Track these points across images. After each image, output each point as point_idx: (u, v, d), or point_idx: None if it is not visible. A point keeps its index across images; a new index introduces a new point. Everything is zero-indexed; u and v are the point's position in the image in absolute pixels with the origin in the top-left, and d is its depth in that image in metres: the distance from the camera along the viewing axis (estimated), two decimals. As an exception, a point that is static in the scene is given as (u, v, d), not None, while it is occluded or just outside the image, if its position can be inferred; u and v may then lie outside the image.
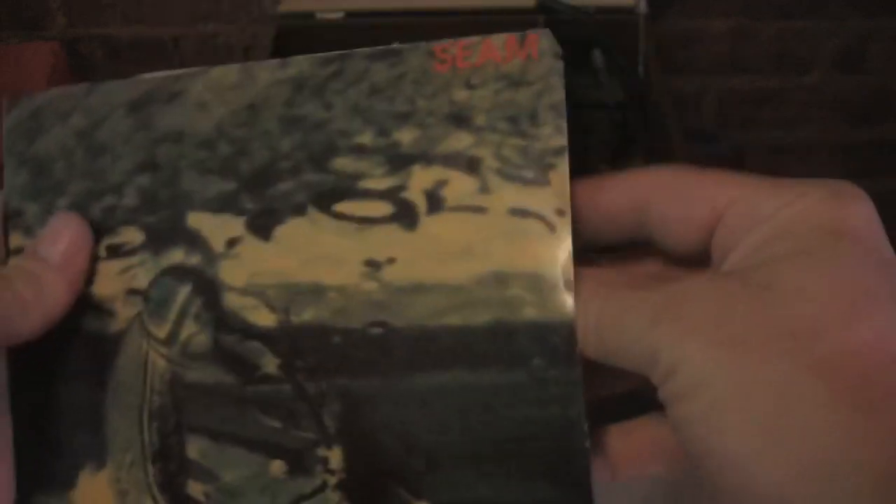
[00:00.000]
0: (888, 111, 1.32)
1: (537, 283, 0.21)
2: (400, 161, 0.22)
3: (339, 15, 1.02)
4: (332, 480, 0.23)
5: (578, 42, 0.75)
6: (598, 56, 0.75)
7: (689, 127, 1.15)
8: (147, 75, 0.26)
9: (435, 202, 0.22)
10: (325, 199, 0.23)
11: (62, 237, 0.25)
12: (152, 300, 0.25)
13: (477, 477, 0.22)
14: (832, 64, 1.29)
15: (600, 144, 0.72)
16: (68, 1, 1.30)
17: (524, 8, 0.79)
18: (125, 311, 0.25)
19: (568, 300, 0.21)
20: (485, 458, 0.22)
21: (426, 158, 0.22)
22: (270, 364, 0.24)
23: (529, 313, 0.21)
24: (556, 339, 0.21)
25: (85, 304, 0.25)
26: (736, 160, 1.11)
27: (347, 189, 0.23)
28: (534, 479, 0.21)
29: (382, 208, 0.23)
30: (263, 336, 0.23)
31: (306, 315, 0.23)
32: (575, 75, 0.76)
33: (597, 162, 0.71)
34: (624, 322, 0.20)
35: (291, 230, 0.23)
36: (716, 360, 0.18)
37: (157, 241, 0.25)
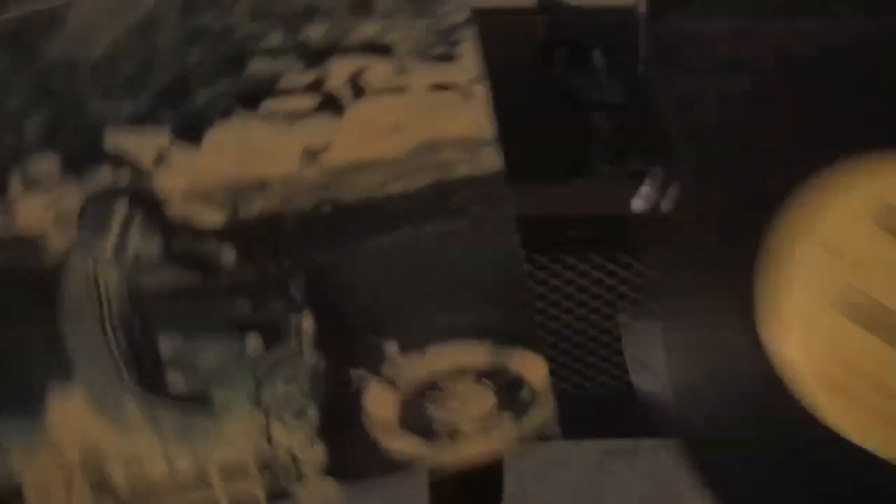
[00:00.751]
0: (888, 111, 1.32)
1: (466, 144, 0.24)
2: (315, 56, 0.24)
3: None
4: (307, 341, 0.24)
5: (578, 42, 0.75)
6: (598, 56, 0.75)
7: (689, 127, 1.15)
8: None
9: (357, 88, 0.24)
10: (250, 100, 0.24)
11: None
12: (87, 222, 0.25)
13: (435, 310, 0.25)
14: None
15: (600, 144, 0.73)
16: (69, 0, 1.29)
17: (524, 8, 0.79)
18: (59, 240, 0.25)
19: (494, 154, 0.24)
20: (440, 295, 0.25)
21: (341, 49, 0.24)
22: (228, 256, 0.25)
23: (463, 170, 0.24)
24: (489, 188, 0.23)
25: (15, 245, 0.26)
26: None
27: (269, 88, 0.24)
28: (484, 306, 0.24)
29: (308, 101, 0.24)
30: (215, 234, 0.24)
31: (255, 207, 0.24)
32: (575, 75, 0.76)
33: (597, 162, 0.71)
34: None
35: (222, 133, 0.25)
36: None
37: (78, 164, 0.26)
